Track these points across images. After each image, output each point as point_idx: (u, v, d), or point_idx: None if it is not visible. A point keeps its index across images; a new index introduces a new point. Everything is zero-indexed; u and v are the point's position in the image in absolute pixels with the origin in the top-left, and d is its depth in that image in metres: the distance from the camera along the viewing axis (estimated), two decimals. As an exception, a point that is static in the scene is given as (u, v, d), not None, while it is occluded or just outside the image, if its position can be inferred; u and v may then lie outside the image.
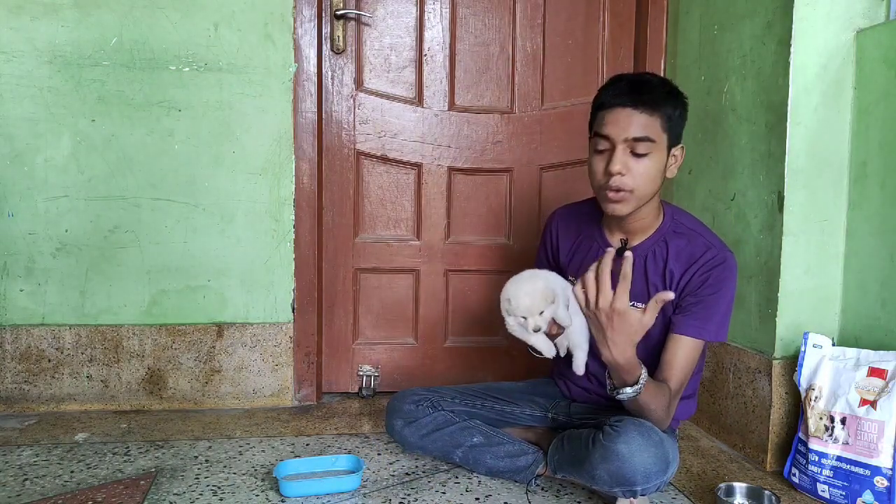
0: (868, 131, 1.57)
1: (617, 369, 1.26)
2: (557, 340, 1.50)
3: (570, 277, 1.58)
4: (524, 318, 1.37)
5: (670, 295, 1.22)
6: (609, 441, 1.26)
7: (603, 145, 1.35)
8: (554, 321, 1.42)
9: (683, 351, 1.37)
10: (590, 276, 1.22)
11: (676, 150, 1.40)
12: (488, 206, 2.26)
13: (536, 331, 1.38)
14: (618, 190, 1.34)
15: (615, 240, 1.50)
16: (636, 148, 1.32)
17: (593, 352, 1.53)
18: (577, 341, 1.50)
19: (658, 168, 1.36)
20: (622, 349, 1.23)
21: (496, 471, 1.54)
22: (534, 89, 2.23)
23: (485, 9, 2.20)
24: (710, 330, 1.37)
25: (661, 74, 2.19)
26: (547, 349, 1.45)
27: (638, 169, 1.33)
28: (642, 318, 1.21)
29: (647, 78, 1.38)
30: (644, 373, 1.27)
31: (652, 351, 1.42)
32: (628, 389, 1.27)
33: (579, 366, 1.52)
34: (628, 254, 1.21)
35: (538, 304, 1.35)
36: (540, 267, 1.66)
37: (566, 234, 1.62)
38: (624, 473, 1.24)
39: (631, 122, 1.31)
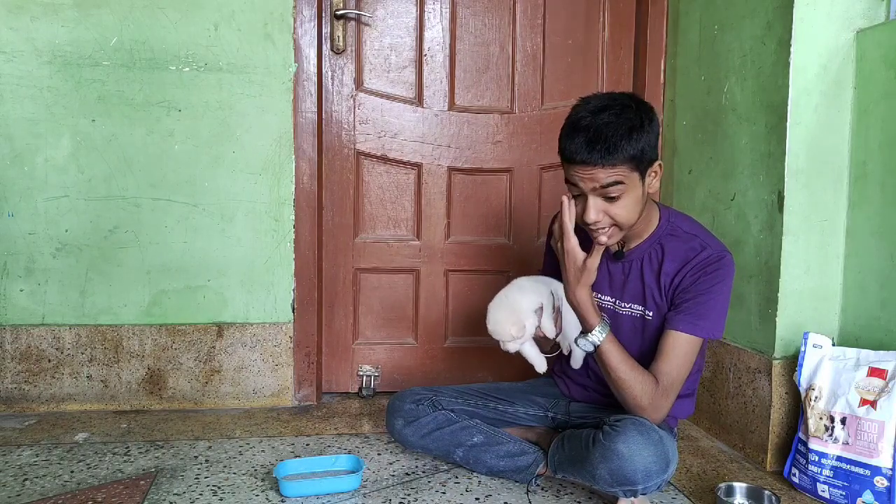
0: (868, 131, 1.57)
1: (576, 310, 1.39)
2: (559, 339, 1.52)
3: None
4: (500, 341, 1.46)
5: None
6: (609, 440, 1.26)
7: (576, 191, 1.36)
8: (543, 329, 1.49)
9: (676, 346, 1.36)
10: (563, 220, 1.36)
11: (653, 169, 1.37)
12: (488, 206, 2.26)
13: (513, 351, 1.47)
14: (600, 230, 1.36)
15: (614, 246, 1.50)
16: (608, 193, 1.31)
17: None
18: (571, 337, 1.51)
19: (635, 199, 1.35)
20: (573, 288, 1.37)
21: (496, 470, 1.54)
22: (534, 89, 2.23)
23: (485, 9, 2.20)
24: (703, 326, 1.36)
25: (662, 75, 2.19)
26: (539, 364, 1.54)
27: (615, 209, 1.34)
28: (587, 258, 1.35)
29: (603, 122, 1.29)
30: (603, 324, 1.37)
31: (648, 354, 1.42)
32: (589, 336, 1.37)
33: (577, 360, 1.55)
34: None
35: (505, 332, 1.43)
36: (547, 268, 1.70)
37: None
38: (624, 473, 1.24)
39: (595, 176, 1.30)
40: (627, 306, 1.48)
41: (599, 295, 1.52)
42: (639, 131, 1.30)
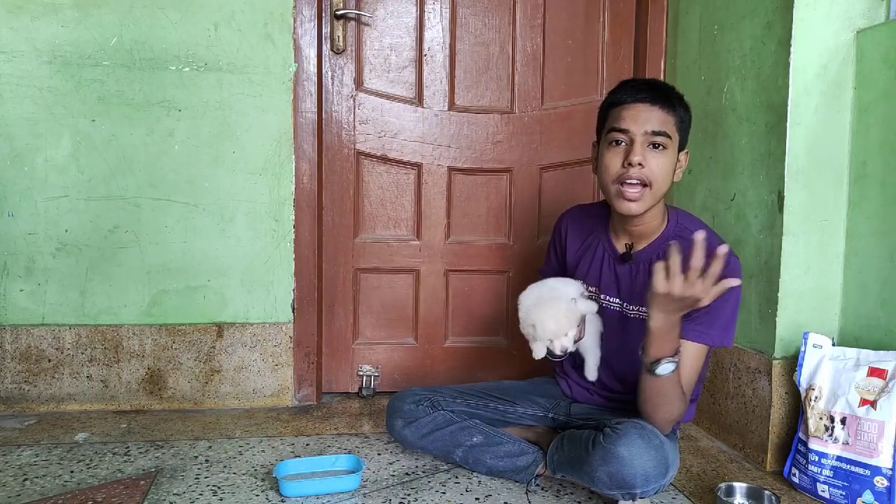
0: (868, 131, 1.57)
1: (662, 333, 1.24)
2: (577, 347, 1.50)
3: (578, 279, 1.58)
4: (550, 340, 1.37)
5: (736, 281, 1.19)
6: (609, 443, 1.26)
7: (620, 137, 1.35)
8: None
9: (686, 356, 1.33)
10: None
11: (682, 155, 1.41)
12: (488, 206, 2.26)
13: (564, 353, 1.38)
14: (637, 183, 1.33)
15: (620, 244, 1.50)
16: (654, 141, 1.33)
17: (614, 362, 1.54)
18: (588, 346, 1.51)
19: (671, 166, 1.37)
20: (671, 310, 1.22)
21: (496, 470, 1.54)
22: (534, 89, 2.23)
23: (485, 9, 2.20)
24: (713, 335, 1.35)
25: (662, 75, 2.19)
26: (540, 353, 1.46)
27: (656, 162, 1.34)
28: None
29: (660, 81, 1.42)
30: (678, 349, 1.26)
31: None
32: (668, 364, 1.25)
33: (591, 371, 1.54)
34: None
35: (564, 327, 1.36)
36: (548, 265, 1.70)
37: (575, 234, 1.62)
38: (623, 476, 1.24)
39: (651, 117, 1.33)
40: (636, 309, 1.45)
41: (607, 297, 1.51)
42: (685, 104, 1.41)
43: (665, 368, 1.25)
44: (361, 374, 2.22)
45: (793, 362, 1.61)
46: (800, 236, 1.61)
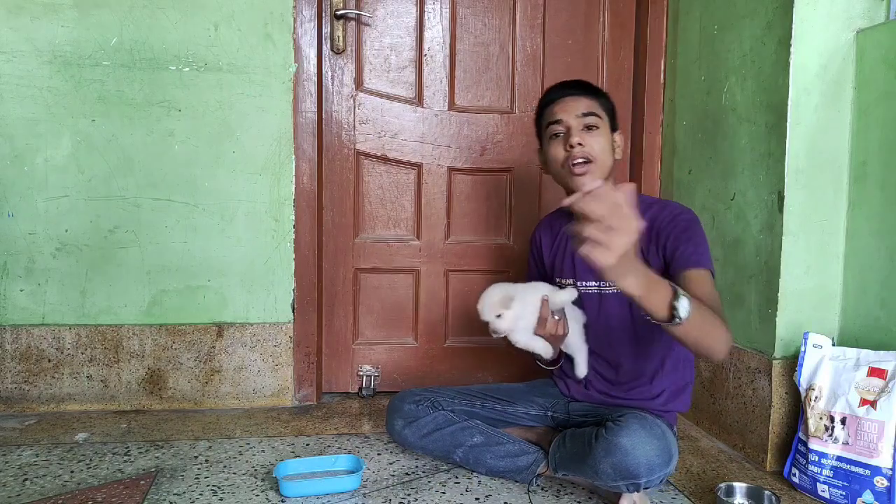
0: (868, 131, 1.57)
1: (641, 285, 1.11)
2: (562, 346, 1.56)
3: (556, 279, 1.65)
4: (487, 322, 1.47)
5: (629, 185, 1.07)
6: (612, 435, 1.27)
7: (557, 129, 1.52)
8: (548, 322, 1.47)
9: (694, 285, 1.30)
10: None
11: (617, 137, 1.56)
12: (488, 206, 2.26)
13: (496, 333, 1.47)
14: (581, 161, 1.48)
15: None
16: (587, 123, 1.49)
17: (601, 348, 1.58)
18: (575, 345, 1.55)
19: (608, 143, 1.52)
20: (627, 272, 1.10)
21: (496, 470, 1.54)
22: (534, 89, 2.23)
23: (485, 9, 2.20)
24: (701, 255, 1.37)
25: (662, 75, 2.20)
26: (544, 349, 1.52)
27: (593, 140, 1.49)
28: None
29: (580, 79, 1.60)
30: (677, 291, 1.14)
31: (640, 327, 1.47)
32: (681, 307, 1.12)
33: (580, 368, 1.57)
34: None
35: (491, 309, 1.46)
36: (531, 276, 1.75)
37: (547, 238, 1.71)
38: (627, 466, 1.25)
39: (578, 104, 1.51)
40: (611, 286, 1.51)
41: (580, 282, 1.57)
42: (607, 96, 1.58)
43: (681, 309, 1.13)
44: (361, 374, 2.22)
45: (793, 362, 1.60)
46: (800, 236, 1.61)
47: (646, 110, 2.20)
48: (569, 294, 1.50)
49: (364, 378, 2.21)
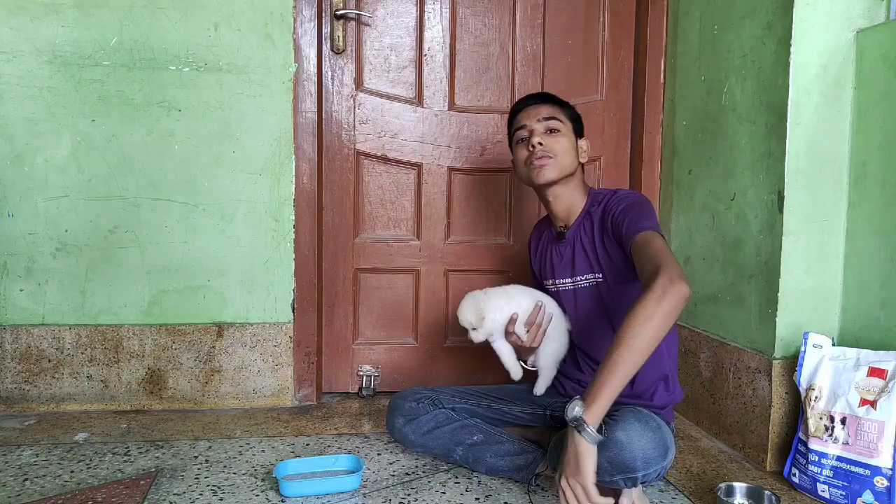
0: (868, 131, 1.57)
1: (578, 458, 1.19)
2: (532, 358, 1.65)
3: (543, 281, 1.70)
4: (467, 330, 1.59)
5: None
6: (607, 429, 1.27)
7: (522, 134, 1.61)
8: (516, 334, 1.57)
9: (647, 245, 1.34)
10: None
11: (583, 143, 1.63)
12: (488, 206, 2.26)
13: (476, 341, 1.59)
14: (542, 156, 1.55)
15: (557, 229, 1.66)
16: (549, 126, 1.58)
17: (586, 345, 1.60)
18: (543, 364, 1.62)
19: (570, 145, 1.59)
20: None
21: (496, 469, 1.54)
22: (534, 89, 2.23)
23: (485, 9, 2.20)
24: (647, 223, 1.40)
25: (662, 75, 2.20)
26: (514, 370, 1.63)
27: (553, 140, 1.57)
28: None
29: (543, 91, 1.71)
30: (575, 405, 1.20)
31: (613, 316, 1.52)
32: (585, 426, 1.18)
33: (539, 388, 1.63)
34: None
35: (464, 318, 1.58)
36: (532, 280, 1.80)
37: (535, 242, 1.79)
38: (624, 460, 1.25)
39: (540, 110, 1.60)
40: (583, 279, 1.58)
41: (558, 280, 1.64)
42: (568, 103, 1.67)
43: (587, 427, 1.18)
44: (361, 374, 2.22)
45: (793, 362, 1.61)
46: (800, 236, 1.61)
47: (646, 110, 2.21)
48: (552, 309, 1.61)
49: (364, 378, 2.21)
